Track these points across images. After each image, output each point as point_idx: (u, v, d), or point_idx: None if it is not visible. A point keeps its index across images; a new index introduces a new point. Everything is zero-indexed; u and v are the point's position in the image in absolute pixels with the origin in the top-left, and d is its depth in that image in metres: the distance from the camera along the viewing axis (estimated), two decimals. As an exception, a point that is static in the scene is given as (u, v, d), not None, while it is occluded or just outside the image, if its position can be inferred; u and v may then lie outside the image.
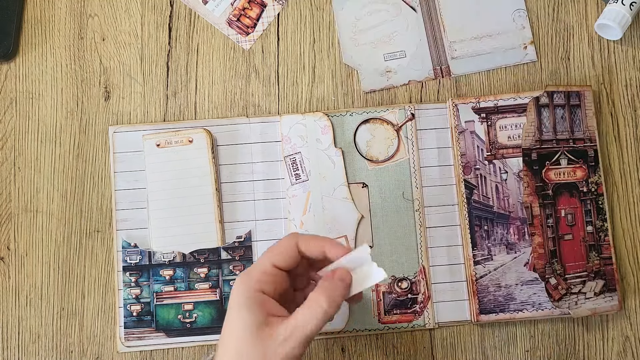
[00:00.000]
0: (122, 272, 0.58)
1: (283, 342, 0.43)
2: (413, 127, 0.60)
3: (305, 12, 0.63)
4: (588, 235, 0.58)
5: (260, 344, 0.43)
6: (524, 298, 0.57)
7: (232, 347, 0.44)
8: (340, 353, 0.58)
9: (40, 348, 0.58)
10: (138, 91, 0.61)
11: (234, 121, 0.60)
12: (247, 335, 0.43)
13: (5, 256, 0.59)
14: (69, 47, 0.62)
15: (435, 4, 0.63)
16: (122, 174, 0.59)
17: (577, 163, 0.59)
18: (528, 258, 0.58)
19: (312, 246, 0.46)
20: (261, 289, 0.44)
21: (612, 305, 0.57)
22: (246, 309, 0.43)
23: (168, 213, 0.58)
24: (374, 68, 0.62)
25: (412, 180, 0.59)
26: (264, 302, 0.44)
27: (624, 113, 0.61)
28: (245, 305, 0.43)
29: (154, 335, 0.57)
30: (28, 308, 0.58)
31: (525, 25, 0.62)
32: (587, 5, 0.63)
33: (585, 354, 0.58)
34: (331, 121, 0.59)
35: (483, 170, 0.59)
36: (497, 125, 0.59)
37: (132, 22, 0.62)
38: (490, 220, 0.58)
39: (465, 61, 0.62)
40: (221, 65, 0.62)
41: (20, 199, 0.60)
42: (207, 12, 0.63)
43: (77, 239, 0.59)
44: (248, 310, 0.43)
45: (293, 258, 0.46)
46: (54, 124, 0.61)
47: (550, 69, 0.62)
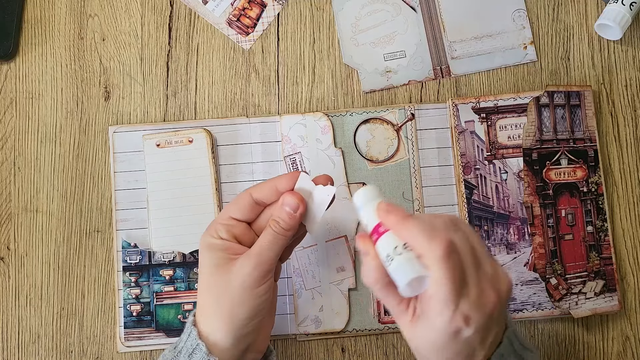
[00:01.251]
0: (122, 272, 0.58)
1: (239, 269, 0.46)
2: (413, 127, 0.60)
3: (305, 12, 0.63)
4: (588, 235, 0.58)
5: (222, 276, 0.46)
6: (524, 298, 0.57)
7: (202, 285, 0.48)
8: (340, 353, 0.58)
9: (40, 348, 0.58)
10: (138, 91, 0.61)
11: (234, 121, 0.60)
12: (212, 271, 0.47)
13: (5, 256, 0.59)
14: (69, 47, 0.62)
15: (435, 4, 0.63)
16: (122, 174, 0.59)
17: (577, 163, 0.59)
18: (528, 258, 0.58)
19: (264, 189, 0.48)
20: (219, 236, 0.47)
21: (612, 305, 0.57)
22: (207, 251, 0.47)
23: (168, 213, 0.58)
24: (374, 68, 0.62)
25: (412, 180, 0.59)
26: (224, 245, 0.47)
27: (624, 113, 0.61)
28: (207, 248, 0.47)
29: (154, 335, 0.57)
30: (28, 308, 0.58)
31: (525, 25, 0.62)
32: (587, 5, 0.63)
33: (585, 354, 0.58)
34: (331, 121, 0.59)
35: (483, 170, 0.59)
36: (497, 125, 0.59)
37: (132, 22, 0.62)
38: (490, 220, 0.58)
39: (465, 61, 0.62)
40: (221, 65, 0.62)
41: (20, 199, 0.60)
42: (207, 12, 0.63)
43: (77, 239, 0.59)
44: (209, 251, 0.47)
45: (247, 207, 0.48)
46: (54, 124, 0.61)
47: (550, 69, 0.62)
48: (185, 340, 0.47)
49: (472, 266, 0.40)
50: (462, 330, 0.39)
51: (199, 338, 0.46)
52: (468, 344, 0.40)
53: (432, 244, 0.39)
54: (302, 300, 0.57)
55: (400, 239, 0.41)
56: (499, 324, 0.42)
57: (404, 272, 0.39)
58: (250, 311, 0.46)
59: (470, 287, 0.39)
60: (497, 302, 0.40)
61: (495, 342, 0.42)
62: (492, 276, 0.41)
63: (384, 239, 0.41)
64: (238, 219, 0.48)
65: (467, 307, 0.39)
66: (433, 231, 0.40)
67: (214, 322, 0.46)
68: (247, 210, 0.48)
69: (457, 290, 0.39)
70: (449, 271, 0.39)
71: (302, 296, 0.57)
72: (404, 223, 0.41)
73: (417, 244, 0.40)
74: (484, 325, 0.40)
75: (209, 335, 0.46)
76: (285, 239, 0.47)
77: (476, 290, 0.39)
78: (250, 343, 0.48)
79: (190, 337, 0.47)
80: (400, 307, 0.41)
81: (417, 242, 0.40)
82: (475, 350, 0.41)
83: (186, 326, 0.48)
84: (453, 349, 0.40)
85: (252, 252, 0.46)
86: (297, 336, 0.57)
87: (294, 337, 0.57)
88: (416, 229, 0.40)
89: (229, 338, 0.46)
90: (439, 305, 0.39)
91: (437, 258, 0.39)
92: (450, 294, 0.38)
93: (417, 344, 0.42)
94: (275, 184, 0.48)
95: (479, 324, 0.39)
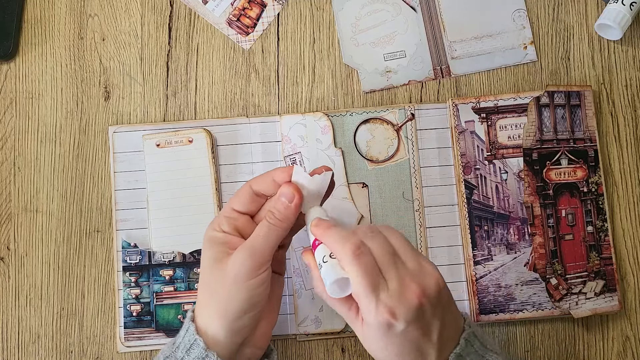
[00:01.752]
0: (122, 272, 0.58)
1: (234, 260, 0.46)
2: (413, 127, 0.60)
3: (305, 12, 0.63)
4: (588, 235, 0.58)
5: (219, 270, 0.46)
6: (524, 298, 0.57)
7: (201, 279, 0.48)
8: (340, 353, 0.58)
9: (40, 348, 0.58)
10: (138, 91, 0.61)
11: (234, 121, 0.60)
12: (211, 265, 0.47)
13: (5, 256, 0.59)
14: (69, 47, 0.62)
15: (435, 4, 0.63)
16: (122, 174, 0.59)
17: (577, 163, 0.59)
18: (528, 258, 0.58)
19: (262, 181, 0.48)
20: (221, 229, 0.48)
21: (612, 305, 0.57)
22: (209, 245, 0.48)
23: (168, 213, 0.58)
24: (374, 68, 0.62)
25: (412, 180, 0.59)
26: (225, 239, 0.47)
27: (624, 113, 0.61)
28: (208, 242, 0.48)
29: (154, 335, 0.57)
30: (28, 308, 0.58)
31: (525, 25, 0.62)
32: (587, 5, 0.63)
33: (585, 354, 0.58)
34: (331, 121, 0.59)
35: (483, 170, 0.59)
36: (497, 125, 0.59)
37: (132, 22, 0.62)
38: (490, 221, 0.58)
39: (465, 61, 0.62)
40: (221, 65, 0.62)
41: (20, 199, 0.60)
42: (207, 12, 0.63)
43: (77, 239, 0.59)
44: (210, 245, 0.48)
45: (248, 199, 0.48)
46: (54, 124, 0.61)
47: (550, 69, 0.62)
48: (183, 335, 0.47)
49: (389, 263, 0.43)
50: (392, 324, 0.41)
51: (196, 333, 0.46)
52: (409, 340, 0.42)
53: (344, 247, 0.43)
54: (302, 300, 0.57)
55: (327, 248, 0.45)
56: (444, 319, 0.43)
57: (328, 276, 0.43)
58: (244, 303, 0.46)
59: (389, 282, 0.42)
60: (422, 294, 0.42)
61: (449, 342, 0.44)
62: (416, 271, 0.43)
63: (318, 250, 0.46)
64: (240, 211, 0.48)
65: (388, 300, 0.41)
66: (346, 237, 0.44)
67: (210, 315, 0.47)
68: (248, 201, 0.48)
69: (372, 285, 0.42)
70: (360, 268, 0.42)
71: (302, 296, 0.57)
72: (325, 234, 0.45)
73: (335, 250, 0.44)
74: (415, 318, 0.42)
75: (207, 330, 0.47)
76: (280, 230, 0.47)
77: (396, 285, 0.42)
78: (248, 337, 0.48)
79: (188, 332, 0.47)
80: (351, 314, 0.44)
81: (334, 248, 0.44)
82: (422, 347, 0.43)
83: (185, 322, 0.49)
84: (395, 345, 0.42)
85: (246, 244, 0.46)
86: (297, 336, 0.57)
87: (294, 337, 0.57)
88: (332, 238, 0.44)
89: (223, 331, 0.46)
90: (363, 302, 0.42)
91: (348, 258, 0.42)
92: (366, 289, 0.41)
93: (370, 348, 0.44)
94: (272, 176, 0.48)
95: (408, 317, 0.41)
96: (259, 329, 0.49)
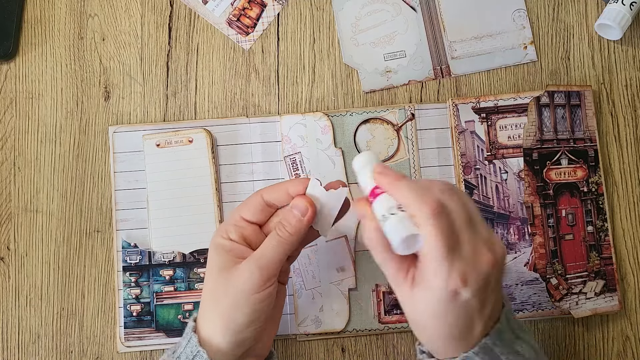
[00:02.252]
0: (122, 272, 0.58)
1: (241, 272, 0.45)
2: (413, 127, 0.60)
3: (305, 12, 0.63)
4: (588, 235, 0.58)
5: (225, 280, 0.45)
6: (524, 298, 0.57)
7: (205, 287, 0.48)
8: (340, 353, 0.58)
9: (40, 348, 0.58)
10: (138, 91, 0.61)
11: (234, 121, 0.60)
12: (216, 274, 0.46)
13: (5, 256, 0.59)
14: (69, 47, 0.62)
15: (435, 4, 0.63)
16: (122, 174, 0.59)
17: (577, 163, 0.59)
18: (528, 258, 0.58)
19: (275, 191, 0.47)
20: (228, 237, 0.47)
21: (612, 305, 0.57)
22: (215, 253, 0.47)
23: (168, 213, 0.58)
24: (374, 68, 0.62)
25: (412, 180, 0.59)
26: (232, 247, 0.46)
27: (624, 113, 0.61)
28: (215, 249, 0.47)
29: (154, 335, 0.57)
30: (28, 308, 0.58)
31: (525, 25, 0.62)
32: (587, 5, 0.63)
33: (585, 354, 0.58)
34: (331, 121, 0.59)
35: (483, 170, 0.59)
36: (497, 125, 0.59)
37: (132, 22, 0.62)
38: (491, 221, 0.58)
39: (465, 61, 0.62)
40: (221, 65, 0.62)
41: (20, 199, 0.60)
42: (207, 12, 0.63)
43: (77, 239, 0.59)
44: (217, 253, 0.47)
45: (258, 209, 0.48)
46: (54, 124, 0.61)
47: (550, 69, 0.62)
48: (185, 345, 0.46)
49: (465, 227, 0.41)
50: (460, 291, 0.39)
51: (199, 345, 0.45)
52: (467, 310, 0.40)
53: (422, 204, 0.40)
54: (302, 300, 0.57)
55: (394, 200, 0.42)
56: (496, 294, 0.42)
57: (397, 231, 0.40)
58: (248, 316, 0.45)
59: (463, 247, 0.40)
60: (493, 262, 0.40)
61: (492, 317, 0.42)
62: (487, 239, 0.41)
63: (379, 200, 0.42)
64: (249, 220, 0.47)
65: (463, 265, 0.39)
66: (424, 192, 0.41)
67: (214, 326, 0.46)
68: (258, 211, 0.47)
69: (449, 248, 0.39)
70: (439, 229, 0.39)
71: (302, 296, 0.57)
72: (397, 184, 0.42)
73: (409, 205, 0.41)
74: (481, 287, 0.40)
75: (211, 341, 0.46)
76: (290, 244, 0.46)
77: (470, 250, 0.40)
78: (250, 348, 0.47)
79: (190, 343, 0.46)
80: (400, 275, 0.41)
81: (408, 202, 0.41)
82: (473, 319, 0.41)
83: (185, 331, 0.48)
84: (453, 313, 0.40)
85: (255, 256, 0.45)
86: (297, 336, 0.57)
87: (294, 337, 0.57)
88: (407, 190, 0.41)
89: (226, 343, 0.45)
90: (434, 264, 0.39)
91: (427, 217, 0.39)
92: (443, 252, 0.39)
93: (415, 313, 0.42)
94: (287, 187, 0.47)
95: (477, 286, 0.39)
96: (262, 338, 0.48)
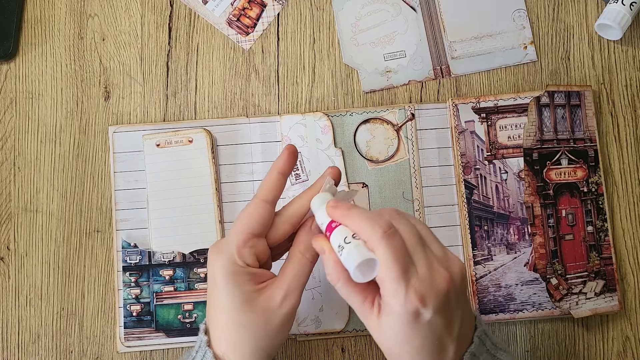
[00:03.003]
0: (122, 272, 0.58)
1: (282, 302, 0.44)
2: (413, 127, 0.60)
3: (305, 12, 0.63)
4: (588, 235, 0.58)
5: (259, 312, 0.43)
6: (524, 298, 0.57)
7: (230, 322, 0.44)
8: (340, 353, 0.58)
9: (40, 348, 0.58)
10: (138, 91, 0.61)
11: (233, 121, 0.60)
12: (243, 308, 0.43)
13: (5, 256, 0.59)
14: (69, 47, 0.62)
15: (435, 4, 0.63)
16: (122, 174, 0.59)
17: (577, 163, 0.59)
18: (528, 258, 0.58)
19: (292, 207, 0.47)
20: (245, 262, 0.44)
21: (612, 305, 0.57)
22: (233, 285, 0.43)
23: (168, 213, 0.58)
24: (374, 68, 0.62)
25: (412, 180, 0.59)
26: (252, 274, 0.44)
27: (624, 113, 0.61)
28: (232, 281, 0.43)
29: (154, 335, 0.57)
30: (28, 308, 0.58)
31: (525, 25, 0.62)
32: (587, 5, 0.63)
33: (585, 354, 0.58)
34: (331, 121, 0.59)
35: (483, 170, 0.59)
36: (497, 125, 0.59)
37: (132, 22, 0.62)
38: (490, 221, 0.58)
39: (465, 61, 0.62)
40: (221, 65, 0.62)
41: (20, 199, 0.60)
42: (207, 12, 0.63)
43: (77, 239, 0.59)
44: (235, 285, 0.43)
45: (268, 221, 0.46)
46: (54, 124, 0.61)
47: (550, 69, 0.62)
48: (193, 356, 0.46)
49: (417, 247, 0.41)
50: (420, 312, 0.39)
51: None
52: (432, 332, 0.40)
53: (373, 227, 0.40)
54: (302, 300, 0.57)
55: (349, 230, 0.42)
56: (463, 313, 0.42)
57: (352, 258, 0.40)
58: (284, 338, 0.46)
59: (418, 266, 0.40)
60: (450, 280, 0.40)
61: (464, 339, 0.43)
62: (442, 257, 0.42)
63: (335, 233, 0.43)
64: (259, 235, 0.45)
65: (419, 284, 0.39)
66: (375, 217, 0.41)
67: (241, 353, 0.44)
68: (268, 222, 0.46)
69: (404, 268, 0.39)
70: (392, 249, 0.40)
71: (302, 296, 0.57)
72: (348, 213, 0.42)
73: (361, 230, 0.41)
74: (442, 306, 0.40)
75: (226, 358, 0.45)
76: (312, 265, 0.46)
77: (425, 269, 0.40)
78: None
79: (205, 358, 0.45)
80: (366, 306, 0.42)
81: (361, 228, 0.41)
82: (442, 341, 0.41)
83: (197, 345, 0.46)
84: (418, 337, 0.40)
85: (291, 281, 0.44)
86: (297, 336, 0.57)
87: (294, 337, 0.57)
88: (359, 217, 0.41)
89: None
90: (392, 286, 0.39)
91: (379, 238, 0.40)
92: (397, 271, 0.39)
93: (386, 341, 0.42)
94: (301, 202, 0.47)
95: (436, 304, 0.40)
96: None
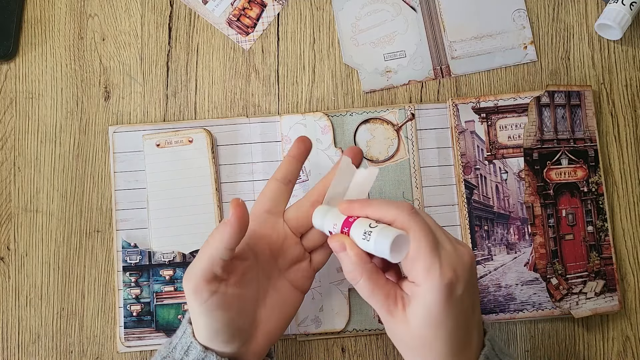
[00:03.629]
0: (122, 272, 0.58)
1: None
2: (413, 127, 0.60)
3: (305, 12, 0.63)
4: (589, 235, 0.58)
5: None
6: (524, 298, 0.57)
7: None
8: (340, 353, 0.58)
9: (40, 348, 0.58)
10: (138, 91, 0.61)
11: (234, 121, 0.60)
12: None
13: (5, 256, 0.59)
14: (69, 47, 0.62)
15: (435, 4, 0.63)
16: (122, 174, 0.59)
17: (577, 163, 0.59)
18: (528, 258, 0.58)
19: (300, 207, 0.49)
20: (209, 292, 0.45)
21: (612, 305, 0.57)
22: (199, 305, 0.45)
23: (168, 213, 0.58)
24: (374, 68, 0.62)
25: (412, 180, 0.59)
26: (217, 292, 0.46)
27: (624, 113, 0.61)
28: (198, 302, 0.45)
29: (154, 335, 0.57)
30: (28, 308, 0.58)
31: (525, 25, 0.62)
32: (587, 5, 0.63)
33: (585, 354, 0.58)
34: (331, 121, 0.59)
35: (483, 170, 0.59)
36: (497, 125, 0.59)
37: (132, 22, 0.62)
38: (491, 220, 0.58)
39: (465, 61, 0.62)
40: (221, 65, 0.62)
41: (20, 199, 0.60)
42: (207, 12, 0.63)
43: (77, 239, 0.59)
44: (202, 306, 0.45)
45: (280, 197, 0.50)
46: (54, 124, 0.61)
47: (550, 69, 0.62)
48: (181, 336, 0.47)
49: (438, 227, 0.44)
50: (455, 285, 0.40)
51: (192, 335, 0.46)
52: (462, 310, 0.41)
53: (399, 207, 0.42)
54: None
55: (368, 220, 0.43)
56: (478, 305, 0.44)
57: (385, 234, 0.41)
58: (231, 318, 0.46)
59: (443, 243, 0.42)
60: (471, 254, 0.43)
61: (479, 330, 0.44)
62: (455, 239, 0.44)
63: (356, 225, 0.43)
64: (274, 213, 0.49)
65: (449, 258, 0.41)
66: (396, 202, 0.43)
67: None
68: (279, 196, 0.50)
69: (435, 242, 0.41)
70: (422, 224, 0.41)
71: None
72: (370, 203, 0.44)
73: (387, 214, 0.42)
74: (469, 279, 0.42)
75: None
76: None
77: (449, 245, 0.42)
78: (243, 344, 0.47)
79: (185, 334, 0.47)
80: (390, 301, 0.42)
81: (385, 211, 0.42)
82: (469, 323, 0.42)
83: (182, 323, 0.48)
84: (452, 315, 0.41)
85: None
86: (297, 336, 0.57)
87: (294, 337, 0.57)
88: (381, 203, 0.43)
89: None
90: (426, 261, 0.40)
91: (408, 215, 0.41)
92: (431, 245, 0.41)
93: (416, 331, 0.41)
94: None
95: (466, 277, 0.41)
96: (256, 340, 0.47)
